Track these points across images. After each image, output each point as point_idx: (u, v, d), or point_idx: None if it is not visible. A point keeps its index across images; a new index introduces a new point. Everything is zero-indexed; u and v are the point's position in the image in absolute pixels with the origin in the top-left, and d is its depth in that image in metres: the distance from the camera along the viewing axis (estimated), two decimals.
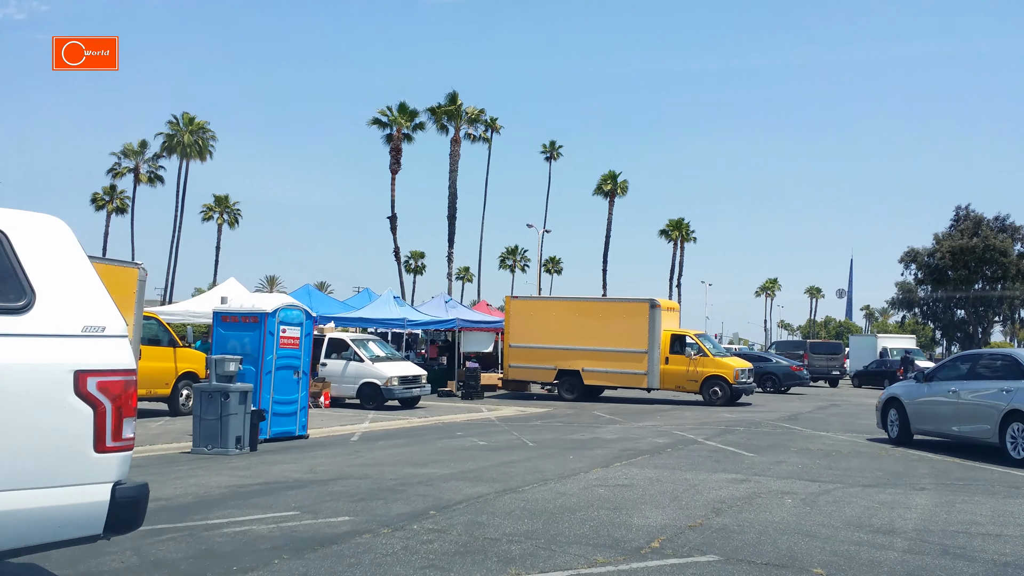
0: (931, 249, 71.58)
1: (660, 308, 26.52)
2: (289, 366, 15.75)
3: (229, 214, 79.13)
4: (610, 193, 69.31)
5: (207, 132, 64.86)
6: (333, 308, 28.83)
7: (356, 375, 22.88)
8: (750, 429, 18.22)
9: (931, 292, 73.84)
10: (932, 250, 71.38)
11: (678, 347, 26.43)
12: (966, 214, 72.81)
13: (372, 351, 23.62)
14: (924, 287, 74.75)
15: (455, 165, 51.77)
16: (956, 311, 74.40)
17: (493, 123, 66.13)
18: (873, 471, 12.09)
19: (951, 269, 69.57)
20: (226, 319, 15.81)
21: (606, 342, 26.64)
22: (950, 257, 69.09)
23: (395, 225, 49.05)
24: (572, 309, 27.86)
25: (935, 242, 71.68)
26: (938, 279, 71.35)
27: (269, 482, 10.40)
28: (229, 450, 13.41)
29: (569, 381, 27.39)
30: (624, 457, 13.07)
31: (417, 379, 23.49)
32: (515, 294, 29.43)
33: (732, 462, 12.68)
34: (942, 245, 70.23)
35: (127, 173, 66.66)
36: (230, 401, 13.56)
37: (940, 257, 69.81)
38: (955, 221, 72.95)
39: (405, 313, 27.47)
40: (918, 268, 73.42)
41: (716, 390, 25.81)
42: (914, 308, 77.46)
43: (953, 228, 72.36)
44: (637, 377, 26.44)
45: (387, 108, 48.79)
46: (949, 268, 69.59)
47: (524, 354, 27.78)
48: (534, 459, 12.78)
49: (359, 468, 11.60)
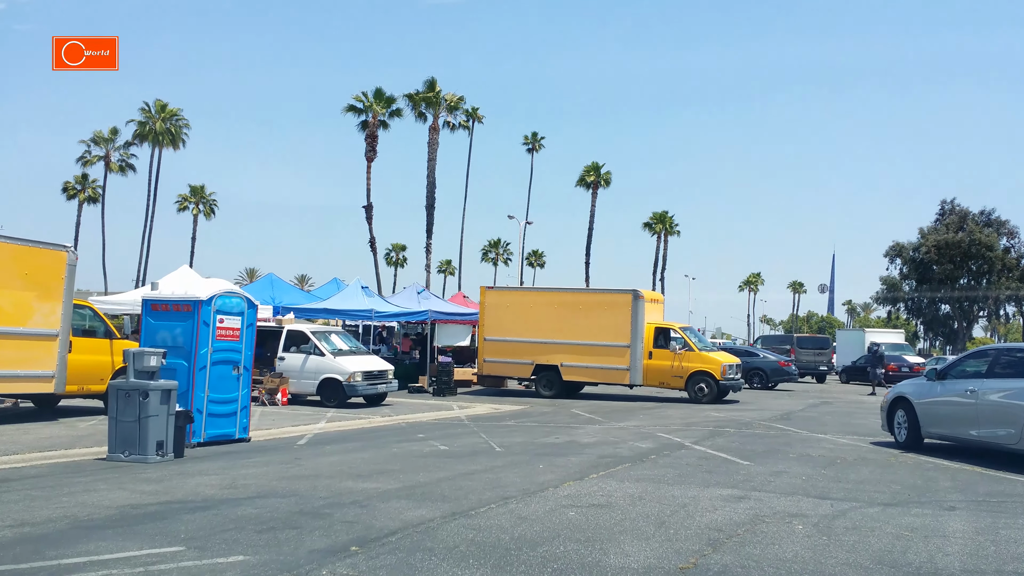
0: (916, 243, 70.20)
1: (643, 300, 24.78)
2: (227, 360, 13.85)
3: (205, 204, 76.84)
4: (593, 185, 67.55)
5: (180, 120, 62.68)
6: (297, 298, 26.93)
7: (316, 370, 21.00)
8: (741, 431, 16.50)
9: (915, 287, 72.53)
10: (917, 244, 70.01)
11: (662, 341, 24.70)
12: (951, 208, 71.49)
13: (334, 344, 21.74)
14: (909, 282, 73.45)
15: (434, 154, 49.83)
16: (940, 306, 73.17)
17: (475, 113, 64.15)
18: (888, 484, 10.36)
19: (936, 264, 68.20)
20: (156, 308, 13.90)
21: (586, 336, 24.88)
22: (935, 251, 67.70)
23: (371, 215, 47.11)
24: (551, 301, 26.06)
25: (920, 236, 70.30)
26: (923, 274, 70.01)
27: (173, 501, 8.54)
28: (148, 457, 11.54)
29: (547, 377, 25.61)
30: (602, 466, 11.30)
31: (383, 374, 21.63)
32: (491, 285, 27.50)
33: (726, 472, 10.93)
34: (927, 239, 68.85)
35: (97, 161, 64.29)
36: (150, 401, 11.67)
37: (925, 252, 68.40)
38: (940, 215, 71.60)
39: (373, 304, 25.59)
40: (903, 263, 72.06)
41: (702, 387, 24.09)
42: (898, 303, 76.17)
43: (939, 222, 70.99)
44: (619, 373, 24.69)
45: (362, 94, 46.81)
46: (934, 263, 68.21)
47: (500, 348, 25.97)
48: (498, 469, 10.97)
49: (289, 482, 9.76)
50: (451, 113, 51.86)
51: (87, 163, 64.44)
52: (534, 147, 71.64)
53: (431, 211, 49.98)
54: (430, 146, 49.79)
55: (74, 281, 16.55)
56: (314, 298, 27.10)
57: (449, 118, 51.89)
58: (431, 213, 50.07)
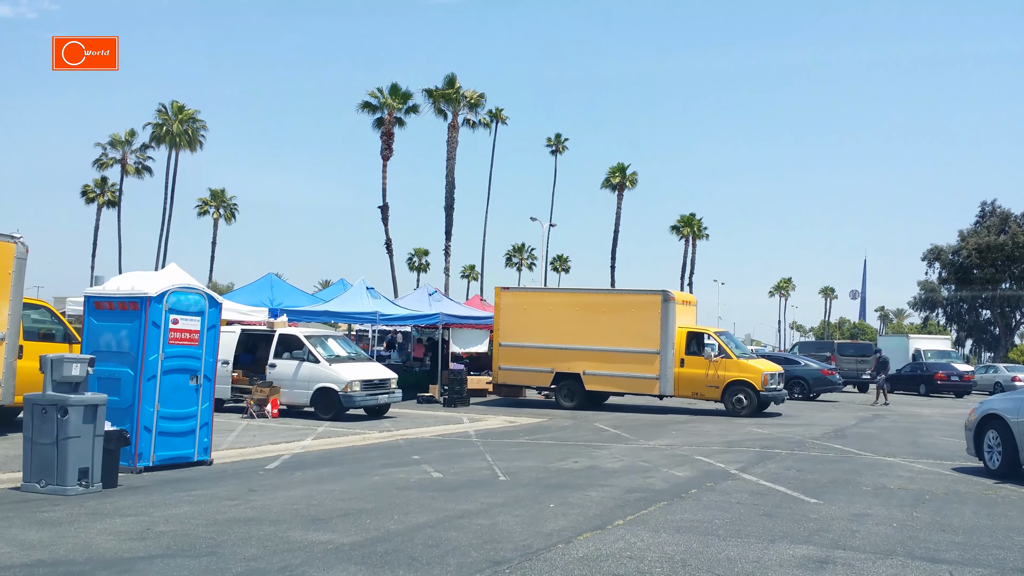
0: (956, 246, 66.87)
1: (674, 301, 22.18)
2: (183, 369, 11.52)
3: (226, 208, 75.23)
4: (619, 186, 64.89)
5: (197, 122, 60.92)
6: (298, 300, 24.56)
7: (310, 378, 18.65)
8: (794, 453, 13.88)
9: (955, 292, 69.12)
10: (957, 247, 66.68)
11: (695, 347, 22.09)
12: (992, 210, 68.08)
13: (331, 350, 19.39)
14: (947, 286, 70.07)
15: (453, 153, 47.51)
16: (981, 312, 69.70)
17: (499, 114, 62.00)
18: (1008, 534, 7.77)
19: (977, 268, 64.80)
20: (99, 306, 11.61)
21: (611, 341, 22.31)
22: (976, 255, 64.33)
23: (387, 216, 44.86)
24: (572, 303, 23.52)
25: (960, 239, 66.97)
26: (962, 278, 66.62)
27: (45, 561, 6.17)
28: (68, 488, 9.21)
29: (568, 386, 23.06)
30: (630, 506, 8.79)
31: (384, 384, 19.23)
32: (506, 286, 25.03)
33: (791, 517, 8.37)
34: (968, 242, 65.48)
35: (113, 164, 62.71)
36: (70, 419, 9.35)
37: (966, 255, 65.06)
38: (981, 217, 68.24)
39: (379, 306, 23.20)
40: (942, 267, 68.74)
41: (741, 398, 21.42)
42: (936, 308, 72.77)
43: (979, 224, 67.64)
44: (647, 382, 22.09)
45: (377, 90, 44.49)
46: (975, 266, 64.83)
47: (516, 354, 23.48)
48: (497, 509, 8.50)
49: (219, 530, 7.36)
50: (472, 111, 49.50)
51: (103, 166, 62.90)
52: (558, 149, 69.24)
53: (450, 212, 47.66)
54: (449, 144, 47.49)
55: (24, 277, 14.30)
56: (317, 300, 24.79)
57: (469, 115, 49.55)
58: (450, 214, 47.76)
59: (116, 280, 11.97)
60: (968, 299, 68.44)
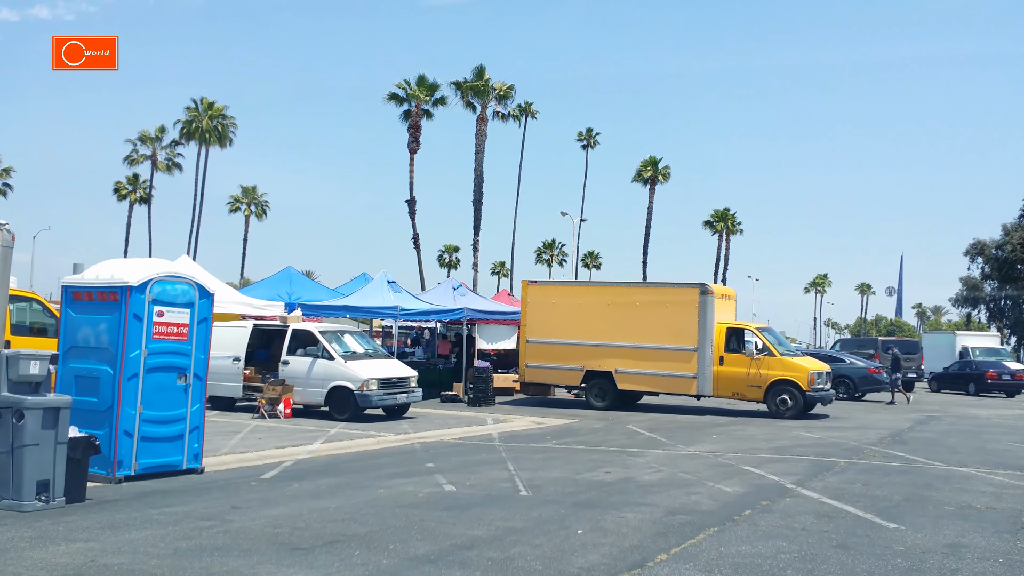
0: (1000, 241, 64.12)
1: (712, 295, 20.59)
2: (170, 367, 10.24)
3: (257, 206, 74.77)
4: (651, 180, 63.09)
5: (227, 118, 60.13)
6: (318, 294, 23.39)
7: (324, 376, 17.38)
8: (853, 462, 12.30)
9: (998, 288, 66.37)
10: (1001, 242, 63.91)
11: (735, 344, 20.48)
12: None
13: (347, 346, 18.09)
14: (990, 282, 67.32)
15: (482, 146, 46.11)
16: None
17: (528, 108, 60.66)
18: None
19: (1022, 262, 62.07)
20: (77, 296, 10.39)
21: (645, 337, 20.79)
22: (1021, 249, 61.62)
23: (414, 209, 43.56)
24: (603, 296, 22.01)
25: (1004, 233, 64.22)
26: (1007, 273, 63.89)
27: None
28: (24, 503, 7.97)
29: (599, 385, 21.57)
30: (673, 533, 7.32)
31: (404, 382, 17.90)
32: (534, 279, 23.62)
33: (871, 549, 6.85)
34: (1012, 236, 62.69)
35: (144, 160, 62.12)
36: (26, 424, 8.09)
37: (1011, 250, 62.35)
38: None
39: (400, 300, 21.87)
40: (985, 261, 66.00)
41: (785, 398, 19.78)
42: (979, 305, 70.00)
43: (1023, 218, 64.86)
44: (683, 381, 20.54)
45: (404, 82, 43.20)
46: (1020, 261, 62.10)
47: (544, 351, 22.04)
48: (514, 537, 7.08)
49: (175, 563, 6.02)
50: (501, 103, 48.01)
51: (134, 162, 62.30)
52: (589, 143, 67.60)
53: (479, 206, 46.27)
54: (478, 137, 46.11)
55: (9, 267, 13.13)
56: (336, 295, 23.55)
57: (499, 108, 48.07)
58: (479, 209, 46.37)
59: (96, 268, 10.71)
60: (1012, 295, 65.68)
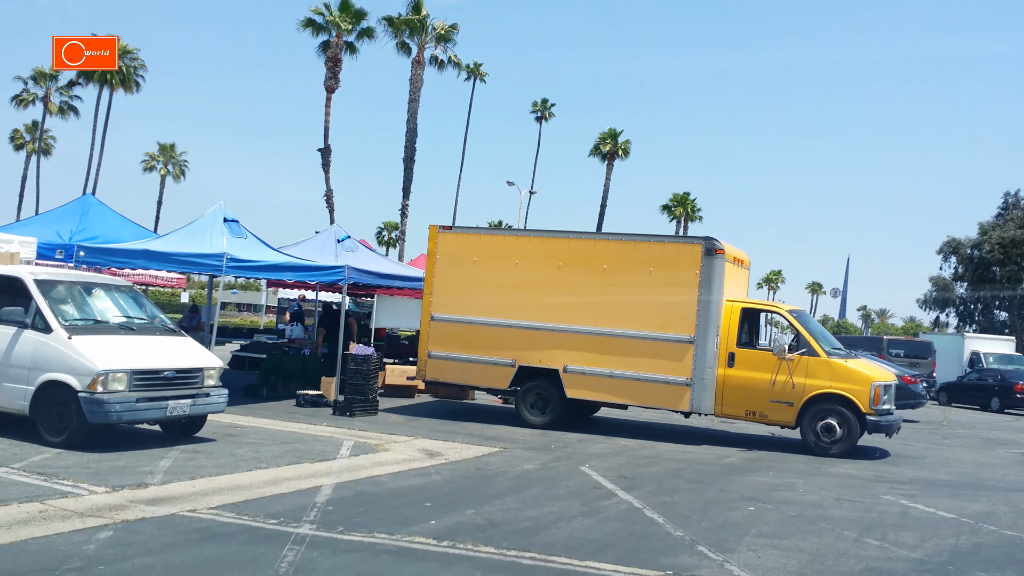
0: (976, 240, 57.86)
1: (723, 257, 12.64)
2: None
3: (175, 165, 65.29)
4: (609, 156, 55.29)
5: (135, 59, 50.76)
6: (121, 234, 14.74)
7: (31, 362, 9.06)
8: None
9: (970, 289, 60.15)
10: (978, 241, 57.66)
11: (749, 336, 12.67)
12: (1015, 201, 59.18)
13: (86, 310, 9.78)
14: (962, 283, 61.12)
15: (416, 94, 37.69)
16: (998, 313, 60.80)
17: (477, 69, 53.00)
18: None
19: (1000, 264, 55.88)
20: None
21: (614, 319, 12.83)
22: (999, 250, 55.39)
23: (328, 160, 34.91)
24: (552, 253, 13.83)
25: (980, 232, 57.95)
26: (981, 275, 57.71)
27: None
28: None
29: (538, 390, 13.51)
30: None
31: (190, 379, 9.62)
32: (447, 225, 15.27)
33: None
34: (990, 235, 56.45)
35: (34, 102, 52.35)
36: None
37: (988, 250, 56.08)
38: (1003, 209, 59.27)
39: (233, 248, 13.47)
40: (959, 261, 59.74)
41: (832, 424, 11.94)
42: (948, 307, 63.76)
43: (1000, 217, 58.73)
44: (670, 390, 12.58)
45: (324, 6, 34.47)
46: (997, 263, 55.91)
47: (457, 335, 13.91)
48: None
49: None
50: (440, 45, 39.52)
51: (23, 103, 52.45)
52: (543, 115, 59.72)
53: (410, 164, 37.91)
54: (412, 84, 37.68)
55: None
56: (152, 236, 15.09)
57: (437, 52, 39.56)
58: (410, 168, 38.01)
59: None
60: (984, 298, 59.53)
